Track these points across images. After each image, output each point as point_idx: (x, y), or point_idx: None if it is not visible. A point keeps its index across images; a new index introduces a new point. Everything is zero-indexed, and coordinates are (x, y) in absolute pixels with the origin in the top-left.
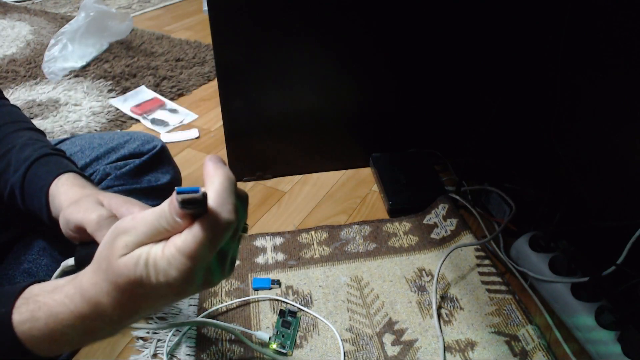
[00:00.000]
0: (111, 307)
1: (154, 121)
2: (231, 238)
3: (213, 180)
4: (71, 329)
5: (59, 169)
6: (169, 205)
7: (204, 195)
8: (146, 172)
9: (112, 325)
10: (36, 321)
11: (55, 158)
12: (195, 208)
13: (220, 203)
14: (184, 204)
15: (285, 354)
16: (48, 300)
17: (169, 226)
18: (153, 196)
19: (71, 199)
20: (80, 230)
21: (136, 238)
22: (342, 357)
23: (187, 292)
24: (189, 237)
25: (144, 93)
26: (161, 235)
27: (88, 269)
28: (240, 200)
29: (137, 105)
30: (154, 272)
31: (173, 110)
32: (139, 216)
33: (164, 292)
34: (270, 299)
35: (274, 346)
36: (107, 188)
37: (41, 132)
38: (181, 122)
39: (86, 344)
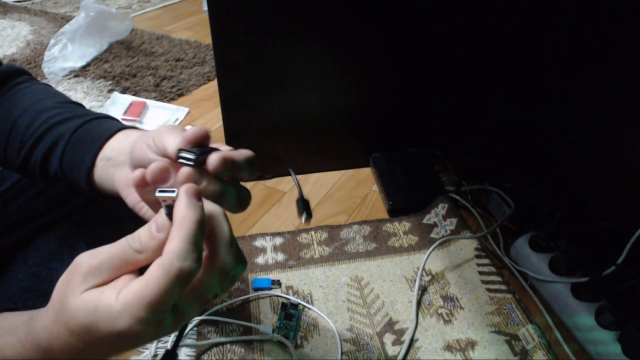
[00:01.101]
0: (61, 352)
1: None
2: (194, 294)
3: (181, 225)
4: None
5: (126, 127)
6: (152, 223)
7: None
8: None
9: None
10: None
11: (119, 122)
12: (193, 160)
13: (183, 251)
14: (181, 156)
15: (288, 345)
16: (1, 341)
17: (137, 252)
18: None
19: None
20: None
21: (95, 278)
22: (343, 357)
23: (137, 342)
24: (145, 282)
25: (121, 99)
26: (123, 269)
27: (42, 310)
28: (237, 259)
29: (126, 113)
30: (106, 318)
31: (163, 108)
32: (103, 250)
33: (114, 339)
34: (270, 296)
35: (278, 337)
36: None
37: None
38: (177, 119)
39: None
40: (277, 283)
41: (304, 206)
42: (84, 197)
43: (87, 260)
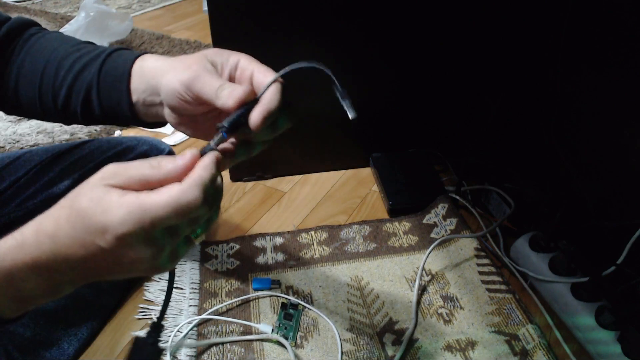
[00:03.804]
0: (49, 237)
1: None
2: (189, 221)
3: (206, 166)
4: (12, 263)
5: (138, 54)
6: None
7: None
8: None
9: (48, 266)
10: None
11: (129, 51)
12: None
13: (195, 183)
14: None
15: (287, 345)
16: (3, 240)
17: (154, 167)
18: None
19: (171, 65)
20: (198, 98)
21: (110, 179)
22: (343, 357)
23: (123, 257)
24: (153, 195)
25: None
26: (136, 180)
27: (50, 210)
28: (215, 195)
29: None
30: (101, 209)
31: None
32: (126, 162)
33: (99, 240)
34: (270, 296)
35: (277, 337)
36: None
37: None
38: None
39: (39, 290)
40: (277, 283)
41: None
42: None
43: (111, 166)
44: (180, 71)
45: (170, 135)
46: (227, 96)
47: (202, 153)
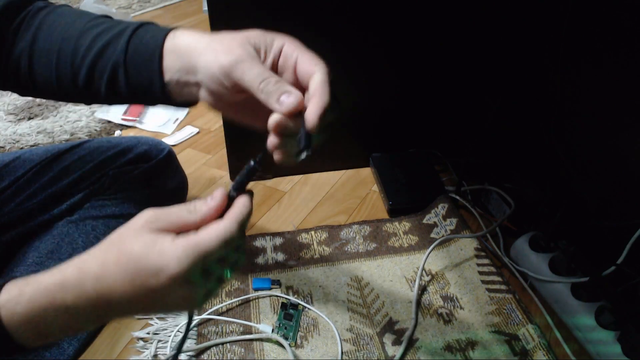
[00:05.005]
0: (94, 279)
1: None
2: (219, 262)
3: (243, 205)
4: (50, 301)
5: (168, 30)
6: (211, 197)
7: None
8: (155, 177)
9: (88, 305)
10: (21, 296)
11: (157, 26)
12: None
13: (237, 219)
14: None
15: (285, 346)
16: (40, 275)
17: (190, 212)
18: (161, 201)
19: (209, 45)
20: (237, 86)
21: (152, 224)
22: (343, 357)
23: (169, 294)
24: (207, 232)
25: None
26: (175, 224)
27: (96, 246)
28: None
29: (126, 113)
30: (157, 252)
31: (162, 108)
32: (164, 208)
33: (152, 279)
34: (270, 296)
35: (277, 337)
36: (116, 192)
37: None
38: (177, 119)
39: (66, 328)
40: (277, 283)
41: (306, 139)
42: (81, 196)
43: (149, 211)
44: (220, 54)
45: (170, 135)
46: (280, 102)
47: (236, 189)
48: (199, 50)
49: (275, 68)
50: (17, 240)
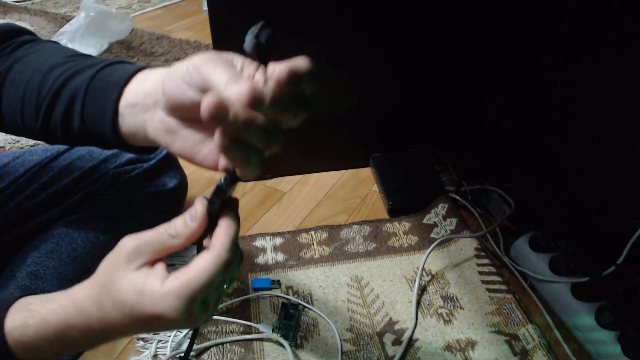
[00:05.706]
0: (100, 320)
1: None
2: (216, 289)
3: (228, 226)
4: (58, 337)
5: (147, 66)
6: (189, 212)
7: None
8: (154, 176)
9: (95, 338)
10: (27, 328)
11: (138, 64)
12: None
13: (225, 247)
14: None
15: (285, 346)
16: (41, 308)
17: (172, 237)
18: (161, 201)
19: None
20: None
21: (137, 259)
22: (343, 357)
23: (169, 326)
24: (195, 270)
25: None
26: (160, 252)
27: (84, 283)
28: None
29: None
30: (150, 300)
31: None
32: (144, 234)
33: (152, 320)
34: (270, 296)
35: (277, 337)
36: (115, 192)
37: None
38: None
39: (67, 353)
40: (277, 283)
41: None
42: (80, 196)
43: (130, 242)
44: (194, 57)
45: None
46: (236, 88)
47: (211, 200)
48: (174, 66)
49: None
50: (16, 240)
